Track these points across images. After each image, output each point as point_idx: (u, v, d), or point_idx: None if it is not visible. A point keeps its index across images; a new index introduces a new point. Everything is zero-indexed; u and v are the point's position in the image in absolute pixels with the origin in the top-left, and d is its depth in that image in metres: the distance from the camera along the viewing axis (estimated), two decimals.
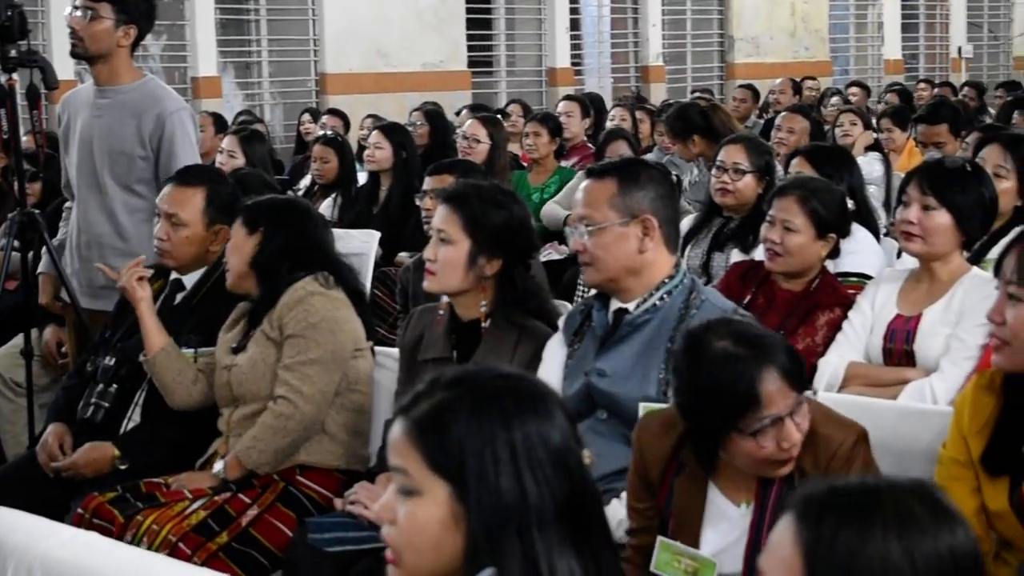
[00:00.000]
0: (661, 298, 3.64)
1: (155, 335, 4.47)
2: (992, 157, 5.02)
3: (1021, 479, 2.98)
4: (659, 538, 3.12)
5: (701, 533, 3.09)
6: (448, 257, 3.92)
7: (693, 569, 3.04)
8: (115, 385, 4.54)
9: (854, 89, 13.77)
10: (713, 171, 5.74)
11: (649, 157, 8.09)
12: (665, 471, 3.14)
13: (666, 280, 3.66)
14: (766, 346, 2.93)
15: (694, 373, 2.94)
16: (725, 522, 3.09)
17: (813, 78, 15.03)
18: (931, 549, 1.67)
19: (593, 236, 3.64)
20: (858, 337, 4.33)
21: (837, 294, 4.53)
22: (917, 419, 3.60)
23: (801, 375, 2.97)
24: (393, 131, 7.91)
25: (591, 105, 10.33)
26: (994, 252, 4.67)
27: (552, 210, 7.77)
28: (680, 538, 3.09)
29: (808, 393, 3.02)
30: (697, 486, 3.10)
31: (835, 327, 4.41)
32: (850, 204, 4.76)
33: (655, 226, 3.63)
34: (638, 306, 3.65)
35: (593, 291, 3.83)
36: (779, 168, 6.02)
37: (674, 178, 5.10)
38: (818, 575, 1.67)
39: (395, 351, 4.35)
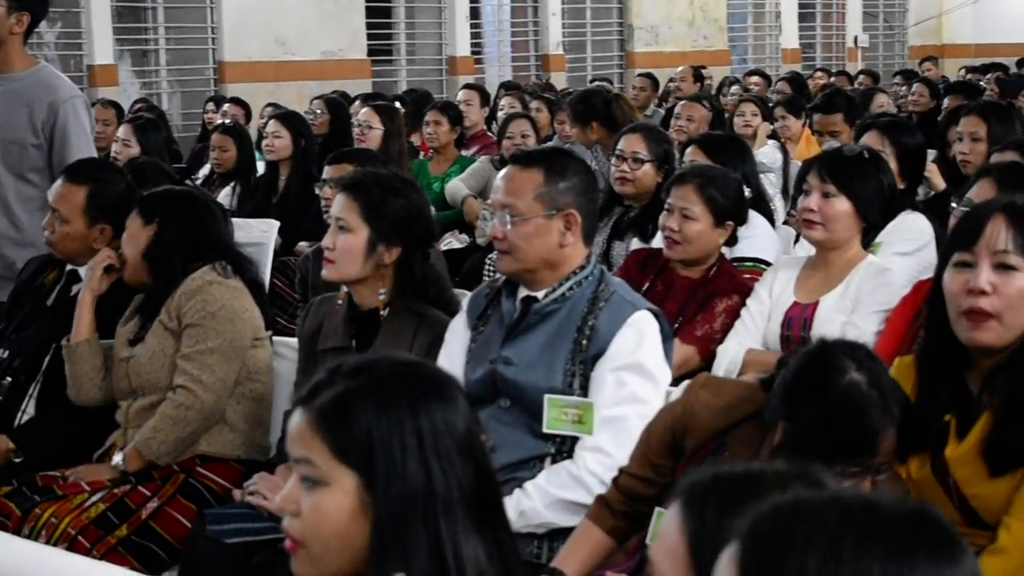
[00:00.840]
0: (571, 288, 3.60)
1: (86, 325, 4.39)
2: (871, 143, 5.10)
3: (942, 447, 3.01)
4: (657, 509, 3.02)
5: None
6: (347, 245, 3.90)
7: None
8: (8, 378, 4.49)
9: (756, 78, 13.68)
10: (613, 160, 5.76)
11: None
12: (704, 445, 3.04)
13: (576, 271, 3.62)
14: (895, 401, 2.75)
15: (816, 392, 2.74)
16: None
17: (704, 67, 15.09)
18: None
19: (516, 226, 3.58)
20: (756, 324, 4.36)
21: (735, 281, 4.56)
22: None
23: (904, 446, 2.81)
24: (291, 120, 7.87)
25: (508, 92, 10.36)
26: (882, 236, 4.74)
27: (455, 187, 7.89)
28: None
29: None
30: None
31: (733, 314, 4.44)
32: (746, 192, 4.79)
33: (577, 221, 3.60)
34: (547, 295, 3.61)
35: (501, 276, 3.78)
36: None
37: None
38: (703, 562, 1.64)
39: (294, 341, 4.32)
